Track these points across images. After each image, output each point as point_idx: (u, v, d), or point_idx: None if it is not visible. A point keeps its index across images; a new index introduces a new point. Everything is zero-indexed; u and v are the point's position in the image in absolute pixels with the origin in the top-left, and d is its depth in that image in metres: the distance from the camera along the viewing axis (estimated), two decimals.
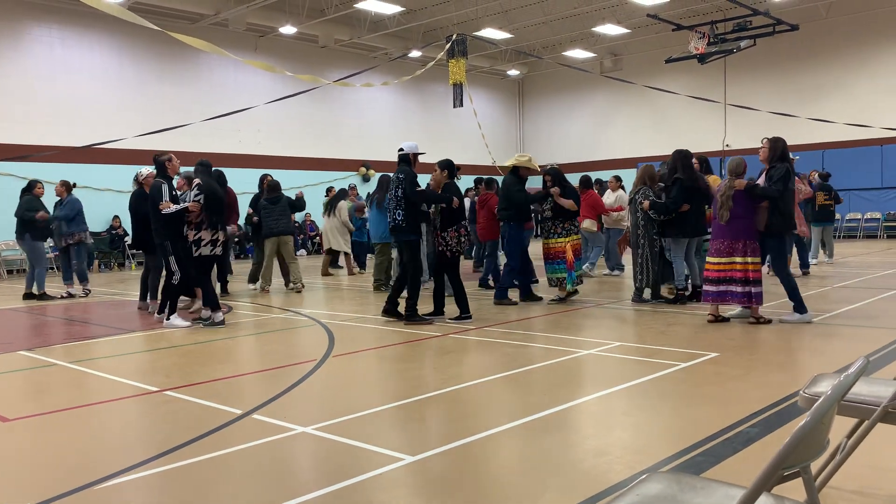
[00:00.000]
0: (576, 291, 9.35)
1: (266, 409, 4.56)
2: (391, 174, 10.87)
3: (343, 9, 20.56)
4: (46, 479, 3.51)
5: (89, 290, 11.77)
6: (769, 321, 7.27)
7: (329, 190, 16.26)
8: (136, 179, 9.54)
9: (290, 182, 18.18)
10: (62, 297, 11.30)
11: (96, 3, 8.44)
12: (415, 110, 26.76)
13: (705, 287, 7.37)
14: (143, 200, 9.13)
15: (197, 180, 8.20)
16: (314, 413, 4.53)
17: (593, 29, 23.41)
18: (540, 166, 9.72)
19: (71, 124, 18.18)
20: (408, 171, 7.92)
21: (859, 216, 22.35)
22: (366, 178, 24.43)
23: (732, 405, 4.39)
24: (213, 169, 9.15)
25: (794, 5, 21.43)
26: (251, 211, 11.98)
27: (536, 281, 10.73)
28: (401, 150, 8.11)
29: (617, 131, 27.91)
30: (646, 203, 8.46)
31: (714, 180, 8.82)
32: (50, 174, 11.47)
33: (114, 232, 18.44)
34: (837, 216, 17.95)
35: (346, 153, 24.32)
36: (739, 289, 7.07)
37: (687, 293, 8.74)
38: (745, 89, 23.89)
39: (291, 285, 11.37)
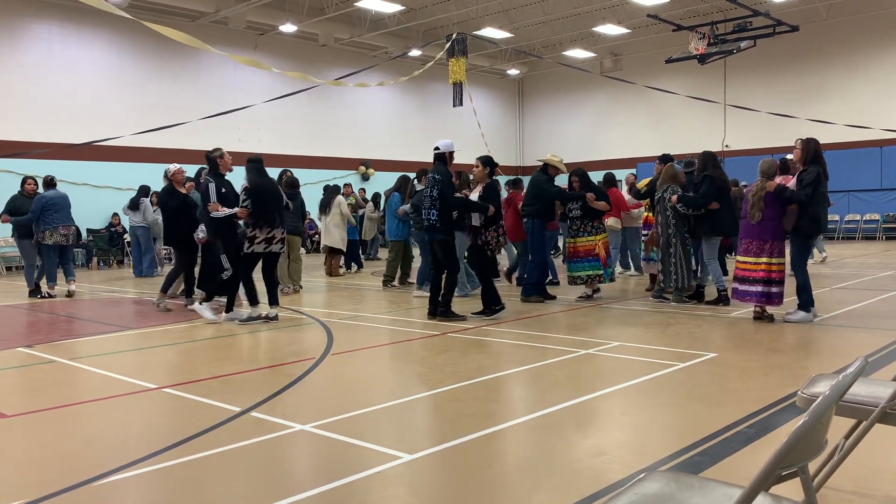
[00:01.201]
0: (598, 289, 9.58)
1: (264, 407, 4.56)
2: (409, 174, 10.86)
3: (343, 7, 20.55)
4: (44, 475, 3.51)
5: (51, 294, 11.07)
6: (772, 318, 7.31)
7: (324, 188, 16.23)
8: (165, 175, 9.51)
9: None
10: (41, 297, 11.01)
11: None
12: (415, 109, 26.75)
13: (734, 285, 7.48)
14: (172, 196, 9.21)
15: (245, 183, 8.10)
16: (312, 411, 4.53)
17: (593, 29, 23.41)
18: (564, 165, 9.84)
19: (69, 121, 18.15)
20: (445, 173, 7.95)
21: (858, 217, 22.35)
22: (365, 177, 24.43)
23: (730, 405, 4.39)
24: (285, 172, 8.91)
25: (794, 6, 21.44)
26: None
27: (557, 282, 10.78)
28: (436, 148, 8.13)
29: (616, 131, 27.91)
30: (674, 197, 8.42)
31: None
32: (48, 171, 11.42)
33: (112, 229, 18.41)
34: (836, 217, 17.96)
35: (346, 152, 24.30)
36: (759, 288, 7.18)
37: (725, 293, 8.60)
38: (745, 90, 23.90)
39: (291, 286, 11.28)
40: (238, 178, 8.04)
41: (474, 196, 8.24)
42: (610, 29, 23.09)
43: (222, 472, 3.50)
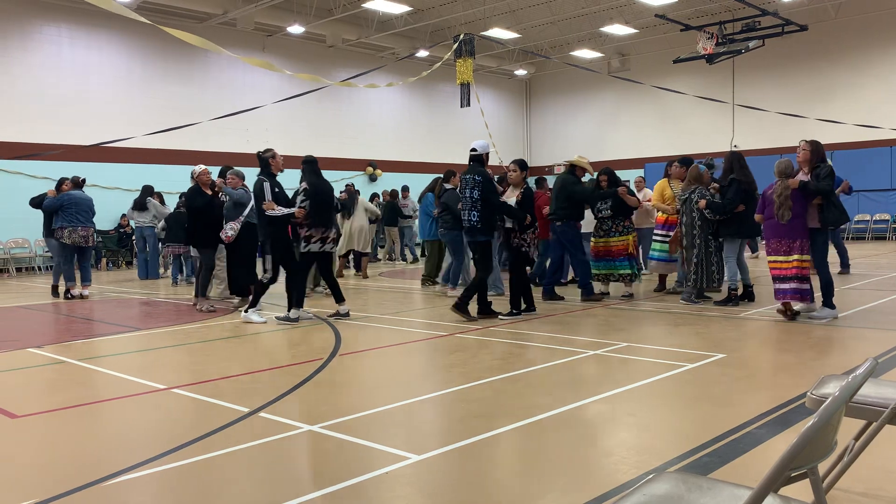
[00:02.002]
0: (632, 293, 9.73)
1: (273, 408, 4.57)
2: (440, 176, 10.90)
3: (351, 8, 20.59)
4: (54, 475, 3.53)
5: (73, 294, 11.14)
6: (795, 315, 7.42)
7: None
8: (192, 176, 9.59)
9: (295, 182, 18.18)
10: (68, 297, 11.14)
11: None
12: (422, 110, 26.77)
13: (775, 286, 7.58)
14: (199, 196, 9.31)
15: (304, 184, 8.17)
16: (320, 411, 4.54)
17: (601, 29, 23.38)
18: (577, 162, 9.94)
19: (79, 123, 18.25)
20: (485, 174, 7.99)
21: (868, 217, 22.24)
22: (373, 178, 24.45)
23: (739, 406, 4.37)
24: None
25: (803, 6, 21.35)
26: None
27: (566, 282, 10.86)
28: (473, 149, 8.15)
29: (624, 131, 27.85)
30: (702, 202, 8.43)
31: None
32: (58, 173, 11.46)
33: (122, 230, 18.50)
34: None
35: (354, 153, 24.34)
36: (793, 285, 7.29)
37: (738, 293, 8.65)
38: (754, 90, 23.81)
39: (321, 287, 11.25)
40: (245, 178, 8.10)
41: (511, 200, 8.28)
42: (617, 29, 23.05)
43: (231, 473, 3.51)
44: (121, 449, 3.91)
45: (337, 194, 14.79)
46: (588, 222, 9.84)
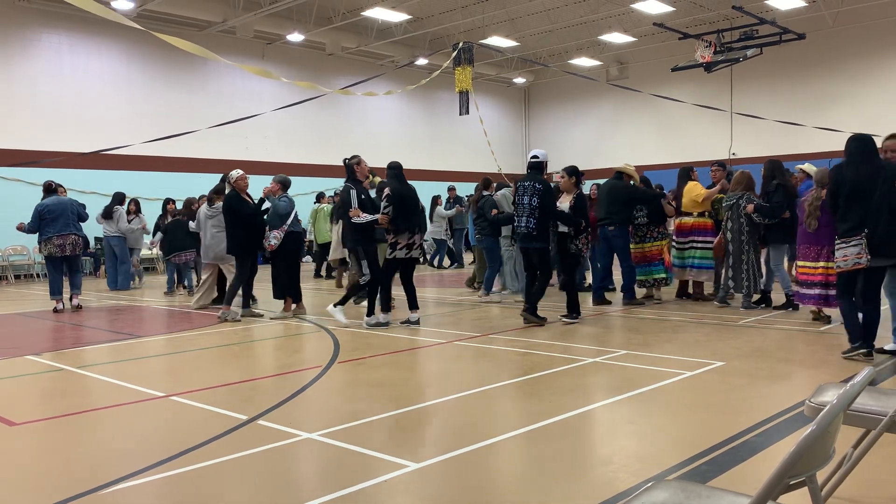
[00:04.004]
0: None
1: (272, 415, 4.57)
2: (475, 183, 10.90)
3: (350, 17, 20.64)
4: (52, 482, 3.52)
5: (57, 309, 10.28)
6: (829, 320, 7.66)
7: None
8: (228, 182, 9.14)
9: (297, 188, 18.18)
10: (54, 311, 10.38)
11: (86, 4, 7.65)
12: (421, 117, 26.81)
13: (796, 289, 7.81)
14: (243, 204, 8.93)
15: (387, 190, 8.15)
16: (319, 419, 4.54)
17: (599, 37, 23.44)
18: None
19: (79, 130, 18.26)
20: (546, 183, 8.17)
21: None
22: (372, 185, 24.43)
23: (738, 414, 4.38)
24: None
25: (800, 14, 21.42)
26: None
27: (614, 287, 10.89)
28: (535, 157, 8.31)
29: (622, 139, 27.89)
30: (750, 206, 8.46)
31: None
32: (57, 180, 11.37)
33: None
34: None
35: None
36: (818, 291, 7.51)
37: (793, 297, 8.69)
38: (752, 98, 23.87)
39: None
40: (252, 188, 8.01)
41: (564, 206, 8.39)
42: (616, 37, 23.11)
43: (229, 481, 3.50)
44: (119, 457, 3.90)
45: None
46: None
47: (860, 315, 5.95)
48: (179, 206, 13.74)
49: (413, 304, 8.38)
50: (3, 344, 7.80)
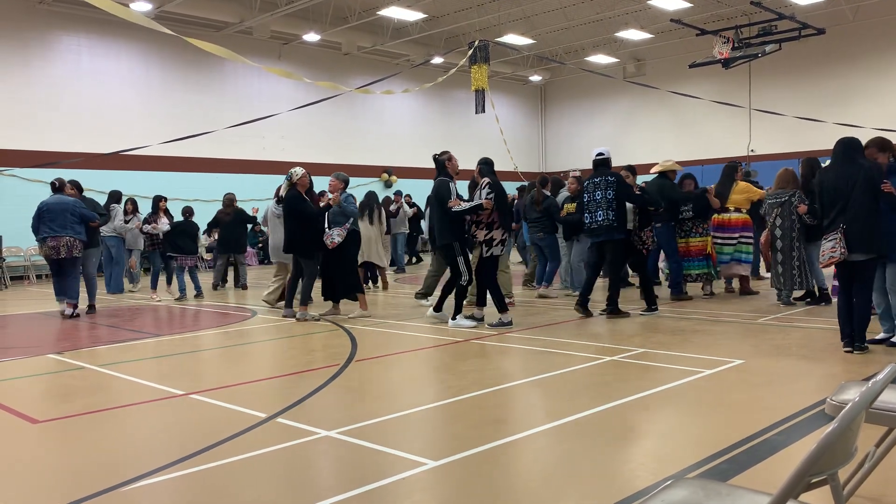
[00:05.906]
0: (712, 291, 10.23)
1: (290, 413, 4.59)
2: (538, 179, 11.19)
3: (366, 16, 20.69)
4: (73, 480, 3.56)
5: (64, 313, 9.85)
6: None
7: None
8: (290, 180, 8.85)
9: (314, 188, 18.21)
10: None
11: (108, 6, 7.53)
12: (437, 116, 26.83)
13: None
14: (300, 202, 8.69)
15: (486, 179, 8.01)
16: (337, 417, 4.55)
17: (616, 34, 23.34)
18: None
19: (97, 131, 18.45)
20: (619, 176, 8.50)
21: None
22: (388, 185, 24.50)
23: (758, 412, 4.34)
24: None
25: (820, 9, 21.20)
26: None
27: (659, 282, 11.23)
28: (601, 154, 8.58)
29: (639, 137, 27.74)
30: (802, 207, 8.37)
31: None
32: (77, 181, 11.41)
33: None
34: None
35: (369, 159, 24.43)
36: None
37: (827, 292, 8.86)
38: (771, 94, 23.66)
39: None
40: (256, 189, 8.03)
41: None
42: (632, 34, 23.00)
43: (248, 478, 3.52)
44: (139, 454, 3.94)
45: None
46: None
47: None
48: (178, 206, 13.54)
49: (502, 307, 8.03)
50: (25, 343, 7.90)
